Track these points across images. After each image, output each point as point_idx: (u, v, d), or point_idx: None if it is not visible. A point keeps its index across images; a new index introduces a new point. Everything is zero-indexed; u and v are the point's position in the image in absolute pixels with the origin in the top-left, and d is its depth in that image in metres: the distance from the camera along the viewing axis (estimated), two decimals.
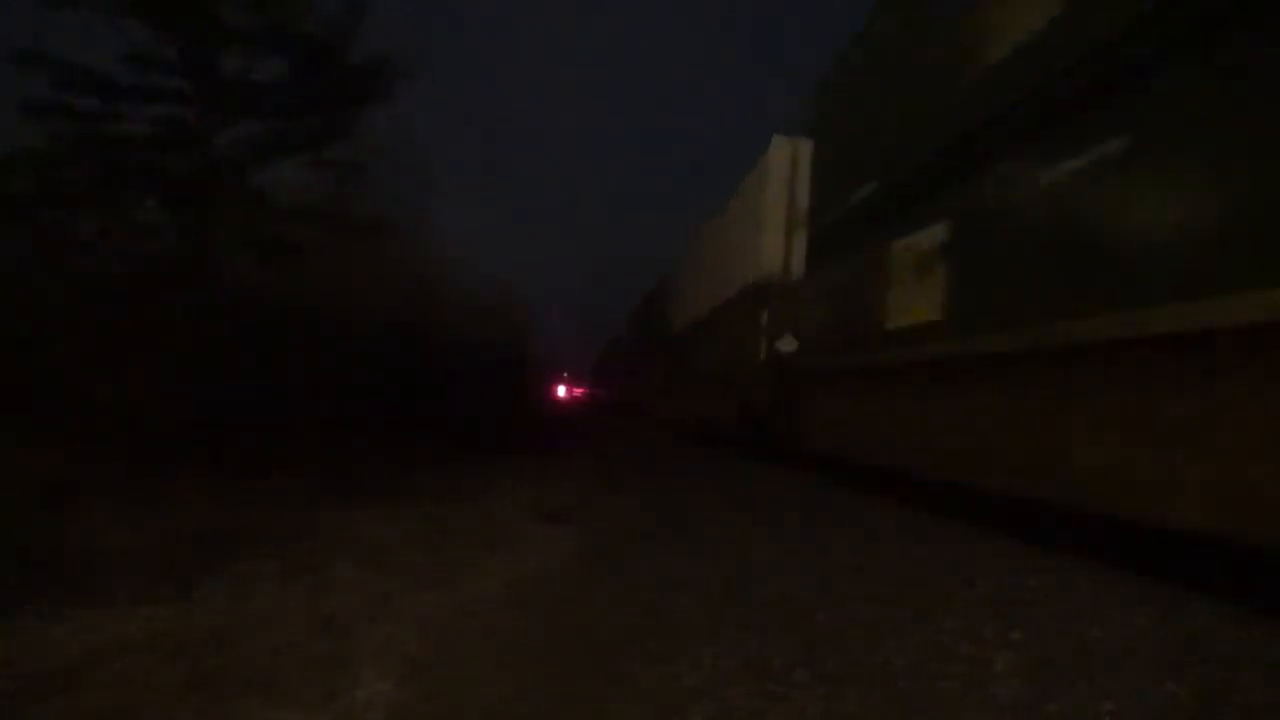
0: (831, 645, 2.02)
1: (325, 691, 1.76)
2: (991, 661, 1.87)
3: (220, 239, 6.10)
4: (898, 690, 1.72)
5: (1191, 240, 2.36)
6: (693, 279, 12.80)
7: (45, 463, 3.74)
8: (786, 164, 7.98)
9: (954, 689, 1.71)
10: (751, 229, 8.56)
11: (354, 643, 2.08)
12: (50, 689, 1.76)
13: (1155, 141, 2.56)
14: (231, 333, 5.49)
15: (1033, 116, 3.23)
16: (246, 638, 2.11)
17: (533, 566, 3.01)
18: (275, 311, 6.10)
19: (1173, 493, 2.36)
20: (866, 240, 5.06)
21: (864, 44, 5.62)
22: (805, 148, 7.70)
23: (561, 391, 31.15)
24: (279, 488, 4.30)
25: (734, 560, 3.06)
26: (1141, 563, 2.68)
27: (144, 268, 5.74)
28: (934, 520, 3.87)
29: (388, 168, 8.28)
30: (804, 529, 3.73)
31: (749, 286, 8.31)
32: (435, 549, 3.24)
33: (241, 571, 2.78)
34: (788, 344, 6.57)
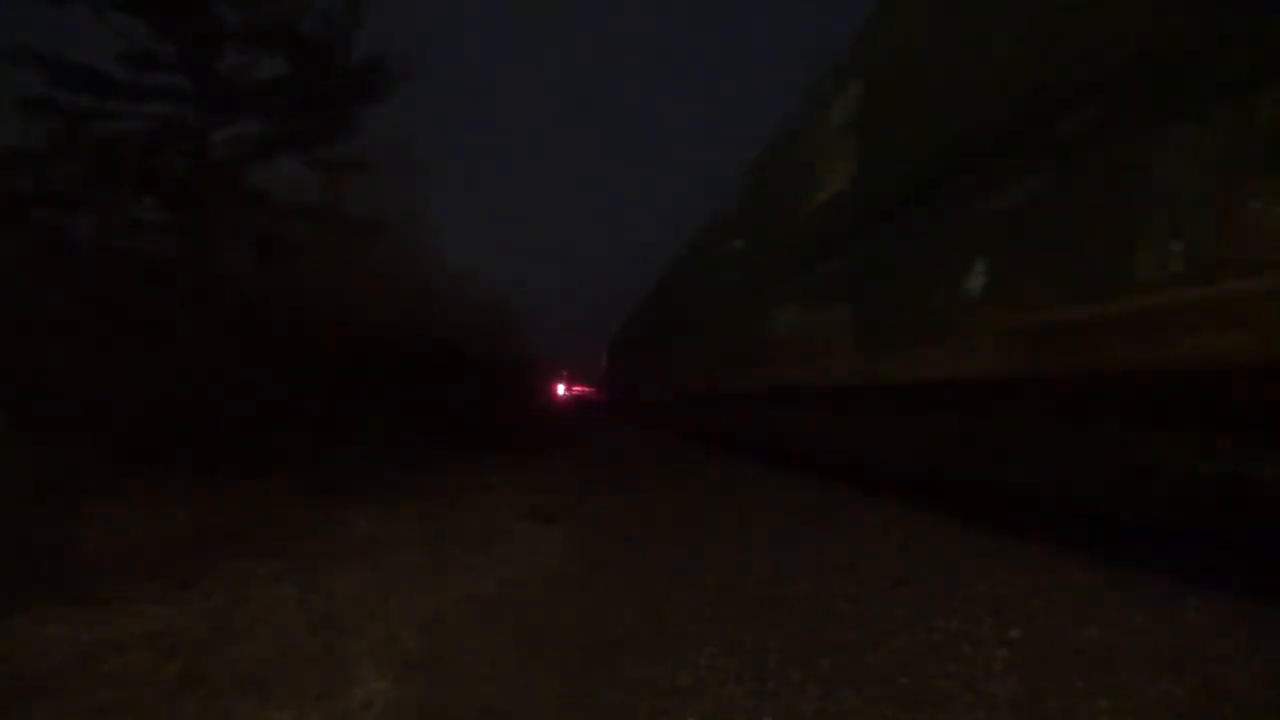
0: (827, 644, 2.02)
1: (322, 690, 1.76)
2: (989, 660, 1.87)
3: (218, 238, 6.09)
4: (895, 689, 1.72)
5: None
6: (649, 317, 17.03)
7: (43, 461, 3.73)
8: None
9: (952, 688, 1.71)
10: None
11: (350, 641, 2.08)
12: (48, 686, 1.75)
13: None
14: (229, 332, 5.47)
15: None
16: (243, 636, 2.10)
17: (528, 565, 3.01)
18: (272, 310, 6.09)
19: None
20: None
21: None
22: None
23: (561, 390, 31.13)
24: (276, 486, 4.29)
25: (726, 559, 3.05)
26: (1138, 560, 2.68)
27: (142, 267, 5.73)
28: (926, 517, 3.87)
29: (385, 166, 8.27)
30: (795, 528, 3.72)
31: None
32: (431, 548, 3.24)
33: (238, 570, 2.78)
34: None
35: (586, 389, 37.64)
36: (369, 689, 1.76)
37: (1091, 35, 2.59)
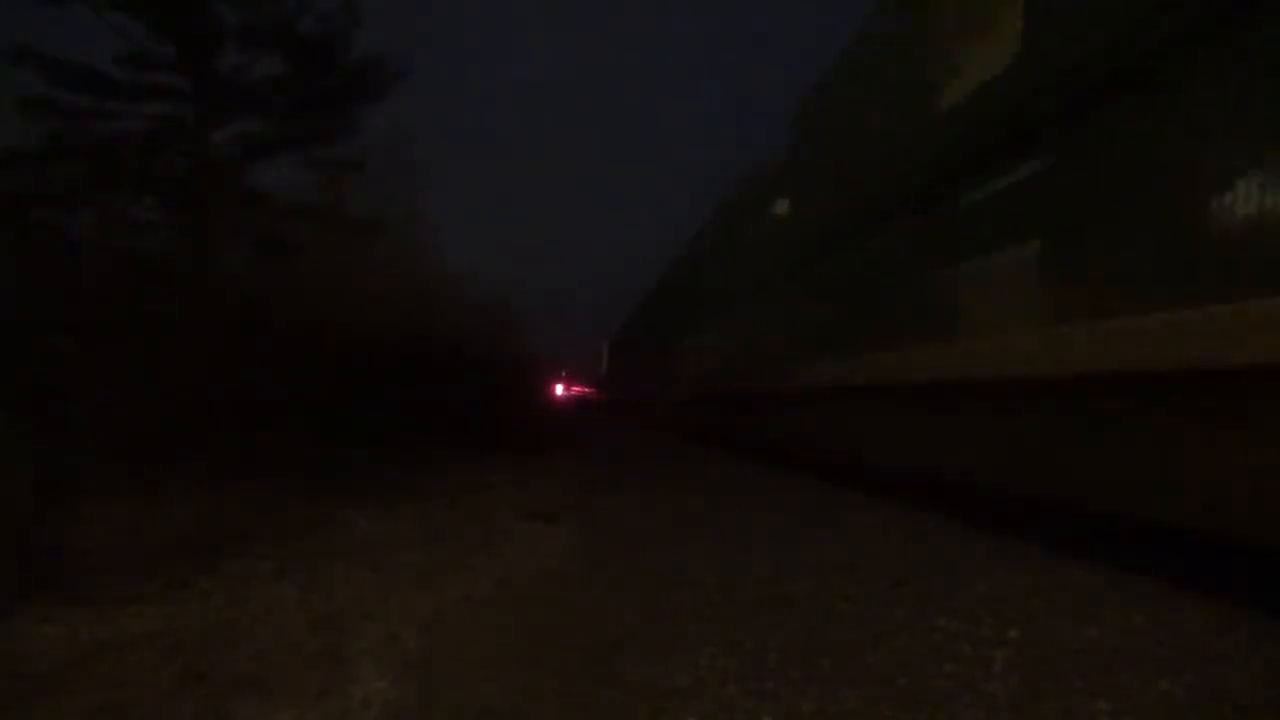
0: (827, 644, 2.02)
1: (321, 689, 1.76)
2: (989, 660, 1.87)
3: (218, 238, 6.09)
4: (895, 689, 1.72)
5: None
6: (650, 316, 17.45)
7: (42, 461, 3.73)
8: None
9: (951, 687, 1.71)
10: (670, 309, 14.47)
11: (350, 641, 2.08)
12: (47, 686, 1.75)
13: None
14: (229, 332, 5.48)
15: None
16: (242, 635, 2.10)
17: (528, 565, 3.01)
18: (272, 310, 6.09)
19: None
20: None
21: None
22: None
23: (560, 390, 31.12)
24: (275, 486, 4.29)
25: (725, 559, 3.05)
26: (1138, 562, 2.69)
27: (142, 267, 5.73)
28: (927, 518, 3.87)
29: (385, 166, 8.28)
30: (795, 528, 3.73)
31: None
32: (431, 548, 3.24)
33: (238, 570, 2.78)
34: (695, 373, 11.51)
35: (586, 389, 37.56)
36: (368, 689, 1.76)
37: None
